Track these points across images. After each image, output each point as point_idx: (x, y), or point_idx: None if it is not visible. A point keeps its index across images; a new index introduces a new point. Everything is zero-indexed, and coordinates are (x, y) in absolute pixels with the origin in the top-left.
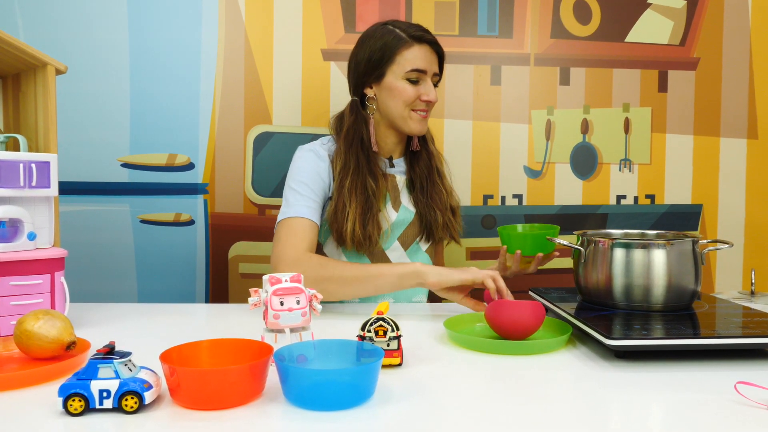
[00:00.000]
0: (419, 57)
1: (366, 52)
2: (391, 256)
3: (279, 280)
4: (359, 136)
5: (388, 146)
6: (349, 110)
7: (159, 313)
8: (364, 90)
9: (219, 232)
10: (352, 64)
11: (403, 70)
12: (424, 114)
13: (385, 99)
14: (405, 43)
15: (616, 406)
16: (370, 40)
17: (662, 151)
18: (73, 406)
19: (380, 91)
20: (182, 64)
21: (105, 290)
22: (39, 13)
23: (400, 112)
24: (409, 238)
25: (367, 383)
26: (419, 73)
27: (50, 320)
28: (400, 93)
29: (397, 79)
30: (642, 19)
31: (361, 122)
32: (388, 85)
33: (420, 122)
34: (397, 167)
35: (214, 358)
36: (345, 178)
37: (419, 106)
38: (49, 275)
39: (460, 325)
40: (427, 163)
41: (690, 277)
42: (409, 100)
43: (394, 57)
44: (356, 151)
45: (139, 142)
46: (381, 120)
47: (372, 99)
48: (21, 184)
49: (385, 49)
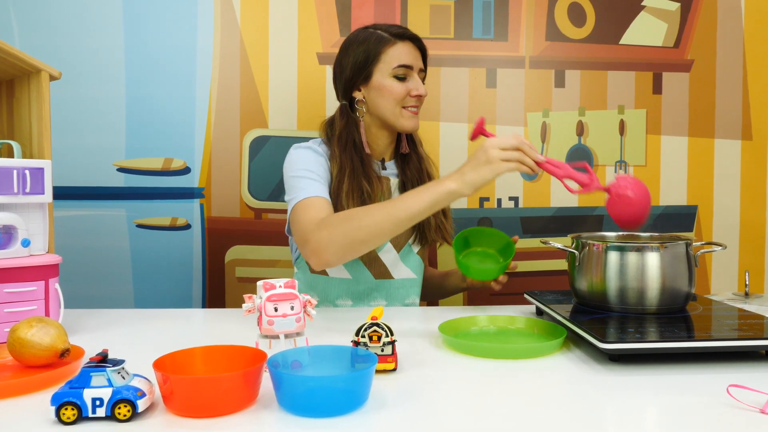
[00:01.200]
0: (404, 53)
1: (351, 55)
2: (384, 258)
3: (273, 285)
4: (351, 139)
5: (380, 148)
6: (340, 114)
7: (154, 319)
8: (352, 93)
9: (215, 236)
10: (338, 69)
11: (389, 68)
12: (415, 110)
13: (375, 99)
14: (388, 41)
15: (611, 409)
16: (354, 44)
17: (657, 153)
18: (66, 415)
19: (369, 92)
20: (178, 68)
21: (101, 295)
22: (34, 18)
23: (392, 110)
24: (401, 239)
25: (361, 389)
26: (406, 69)
27: (44, 328)
28: (389, 91)
29: (385, 78)
30: (636, 21)
31: (352, 125)
32: (376, 85)
33: (411, 119)
34: (388, 169)
35: (208, 365)
36: (341, 181)
37: (410, 102)
38: (44, 282)
39: (455, 330)
40: (417, 166)
41: (684, 280)
42: (399, 97)
43: (380, 56)
44: (350, 154)
45: (135, 146)
46: (372, 122)
47: (361, 102)
48: (15, 190)
49: (370, 50)
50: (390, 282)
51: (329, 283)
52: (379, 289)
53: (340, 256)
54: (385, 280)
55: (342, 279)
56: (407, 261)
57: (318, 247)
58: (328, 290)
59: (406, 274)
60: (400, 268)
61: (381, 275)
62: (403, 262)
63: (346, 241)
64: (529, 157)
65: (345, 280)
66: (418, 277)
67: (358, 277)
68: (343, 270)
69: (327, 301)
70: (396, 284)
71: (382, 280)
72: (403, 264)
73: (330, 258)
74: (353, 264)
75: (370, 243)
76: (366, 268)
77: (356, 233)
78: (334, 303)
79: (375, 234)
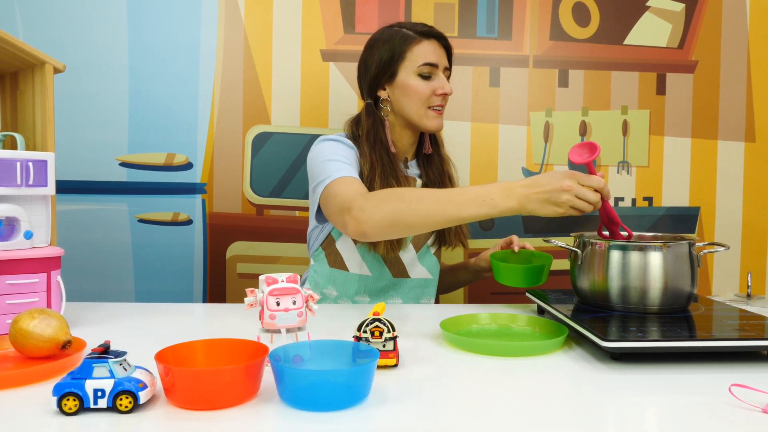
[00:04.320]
0: (429, 51)
1: (376, 54)
2: (403, 257)
3: (275, 280)
4: (379, 138)
5: (404, 147)
6: (366, 113)
7: (155, 313)
8: (377, 92)
9: (217, 231)
10: (362, 68)
11: (414, 66)
12: (439, 110)
13: (400, 98)
14: (413, 39)
15: (612, 408)
16: (379, 43)
17: (660, 154)
18: (68, 406)
19: (394, 91)
20: (181, 63)
21: (102, 289)
22: (38, 12)
23: (417, 110)
24: (421, 240)
25: (362, 384)
26: (431, 67)
27: (46, 319)
28: (414, 90)
29: (410, 76)
30: (640, 21)
31: (378, 124)
32: (401, 84)
33: (436, 119)
34: (411, 169)
35: (210, 358)
36: (373, 180)
37: (435, 102)
38: (46, 274)
39: (457, 327)
40: (440, 168)
41: (686, 280)
42: (424, 96)
43: (405, 54)
44: (379, 152)
45: (137, 141)
46: (396, 121)
47: (386, 101)
48: (18, 182)
49: (395, 48)
50: (407, 281)
51: (348, 278)
52: (396, 287)
53: (381, 230)
54: (403, 279)
55: (361, 275)
56: (424, 261)
57: (361, 215)
58: (347, 286)
59: (423, 275)
60: (417, 268)
61: (399, 274)
62: (420, 262)
63: (393, 219)
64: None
65: (364, 276)
66: (434, 278)
67: (377, 274)
68: (364, 267)
69: (346, 296)
70: (413, 284)
71: (399, 278)
72: (420, 264)
73: (369, 229)
74: (373, 261)
75: (414, 229)
76: (385, 266)
77: (405, 215)
78: (352, 299)
79: (422, 223)
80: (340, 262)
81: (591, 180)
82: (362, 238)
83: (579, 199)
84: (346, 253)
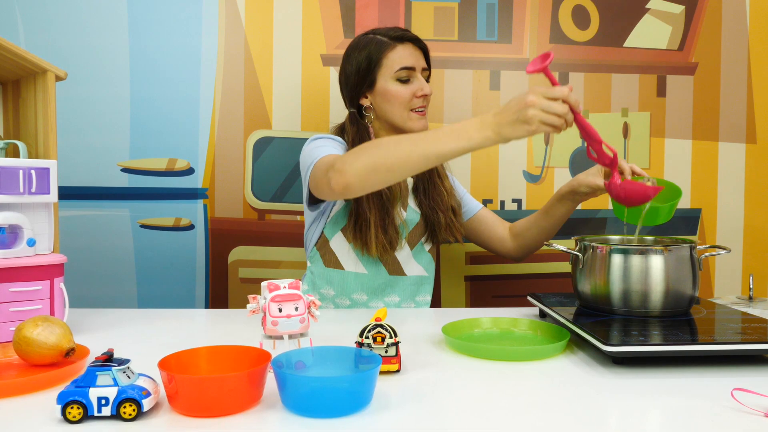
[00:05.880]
0: (405, 55)
1: (353, 63)
2: (398, 255)
3: (277, 286)
4: None
5: None
6: (350, 121)
7: (158, 319)
8: (359, 100)
9: (219, 236)
10: (343, 77)
11: (392, 71)
12: (422, 111)
13: (382, 104)
14: (388, 45)
15: (614, 412)
16: (355, 52)
17: (661, 156)
18: (72, 414)
19: (375, 98)
20: (182, 69)
21: (105, 295)
22: (40, 19)
23: (400, 114)
24: (415, 238)
25: (364, 390)
26: (408, 71)
27: (49, 327)
28: (394, 96)
29: (389, 82)
30: (640, 24)
31: (363, 131)
32: (381, 90)
33: (420, 120)
34: None
35: (213, 365)
36: None
37: (416, 104)
38: (49, 281)
39: (458, 331)
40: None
41: (688, 283)
42: (404, 100)
43: (381, 61)
44: None
45: (139, 147)
46: (381, 126)
47: (369, 108)
48: (21, 190)
49: (371, 56)
50: (403, 278)
51: (345, 277)
52: (393, 285)
53: (363, 178)
54: (399, 276)
55: (357, 274)
56: (419, 258)
57: (343, 166)
58: (345, 285)
59: (418, 272)
60: (412, 266)
61: (394, 272)
62: (415, 259)
63: (373, 164)
64: (572, 114)
65: (361, 275)
66: (430, 275)
67: (373, 272)
68: (359, 265)
69: (343, 295)
70: (409, 281)
71: (395, 276)
72: (416, 261)
73: (351, 179)
74: (369, 260)
75: (394, 172)
76: (381, 264)
77: (383, 159)
78: (350, 297)
79: (401, 164)
80: (335, 262)
81: (554, 91)
82: (346, 191)
83: (547, 113)
84: (340, 253)
